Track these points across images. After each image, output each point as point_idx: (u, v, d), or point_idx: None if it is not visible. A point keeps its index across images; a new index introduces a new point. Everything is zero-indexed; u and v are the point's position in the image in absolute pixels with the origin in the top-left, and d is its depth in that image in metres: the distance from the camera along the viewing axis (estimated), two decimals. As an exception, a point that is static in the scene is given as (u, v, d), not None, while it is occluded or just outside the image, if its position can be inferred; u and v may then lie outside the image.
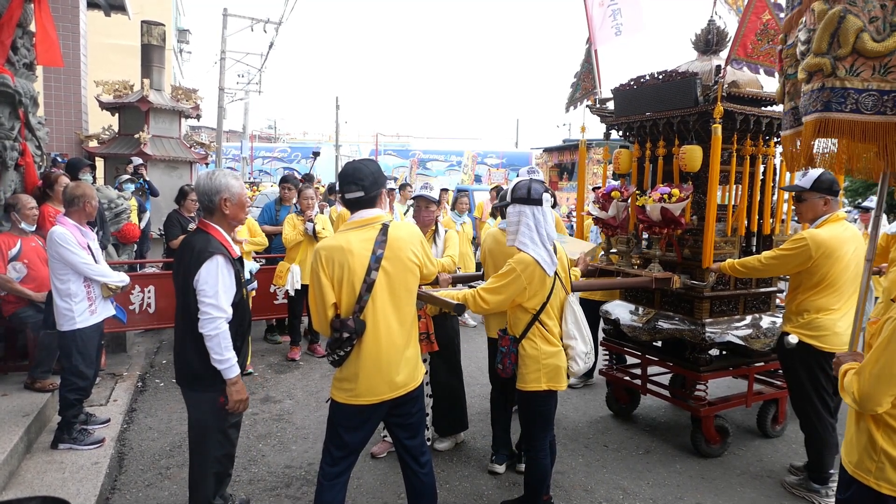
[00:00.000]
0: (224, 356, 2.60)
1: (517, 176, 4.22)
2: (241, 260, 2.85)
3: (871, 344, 1.96)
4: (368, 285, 2.43)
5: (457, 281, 3.84)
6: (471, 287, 3.38)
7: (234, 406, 2.69)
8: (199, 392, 2.71)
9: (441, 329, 3.93)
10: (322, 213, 6.44)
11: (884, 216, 4.51)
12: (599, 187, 4.68)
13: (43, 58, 4.65)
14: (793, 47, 2.14)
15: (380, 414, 2.58)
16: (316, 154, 14.41)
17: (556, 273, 2.95)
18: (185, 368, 2.73)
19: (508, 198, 3.00)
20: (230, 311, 2.64)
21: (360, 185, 2.49)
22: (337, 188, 7.26)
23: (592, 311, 4.96)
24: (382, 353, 2.48)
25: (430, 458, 2.79)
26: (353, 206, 2.55)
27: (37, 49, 4.63)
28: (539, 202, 2.91)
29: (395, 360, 2.52)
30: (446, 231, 4.14)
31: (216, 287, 2.57)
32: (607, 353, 4.78)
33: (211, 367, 2.62)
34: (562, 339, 3.03)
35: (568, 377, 3.05)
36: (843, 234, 3.47)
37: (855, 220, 3.44)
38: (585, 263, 3.87)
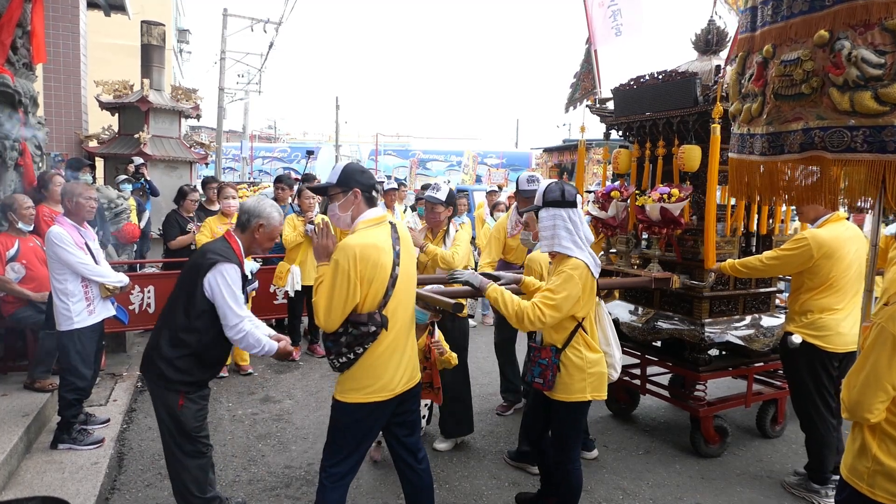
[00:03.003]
0: (260, 347, 2.77)
1: (517, 184, 4.21)
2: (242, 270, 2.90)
3: (863, 348, 1.95)
4: (393, 280, 2.46)
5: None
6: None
7: (284, 358, 2.98)
8: (158, 387, 2.76)
9: (450, 332, 3.91)
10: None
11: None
12: (594, 191, 4.69)
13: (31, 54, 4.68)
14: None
15: (390, 410, 2.57)
16: (310, 153, 14.23)
17: None
18: (151, 360, 2.76)
19: (539, 201, 2.83)
20: (246, 312, 2.77)
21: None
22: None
23: None
24: (396, 348, 2.52)
25: (427, 454, 2.80)
26: (374, 203, 2.59)
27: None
28: (574, 204, 2.78)
29: (403, 354, 2.56)
30: (457, 231, 4.12)
31: (232, 291, 2.68)
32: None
33: (172, 367, 2.69)
34: (600, 346, 2.95)
35: None
36: (844, 234, 3.47)
37: (848, 219, 3.49)
38: None
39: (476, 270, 4.13)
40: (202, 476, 2.87)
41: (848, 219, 3.65)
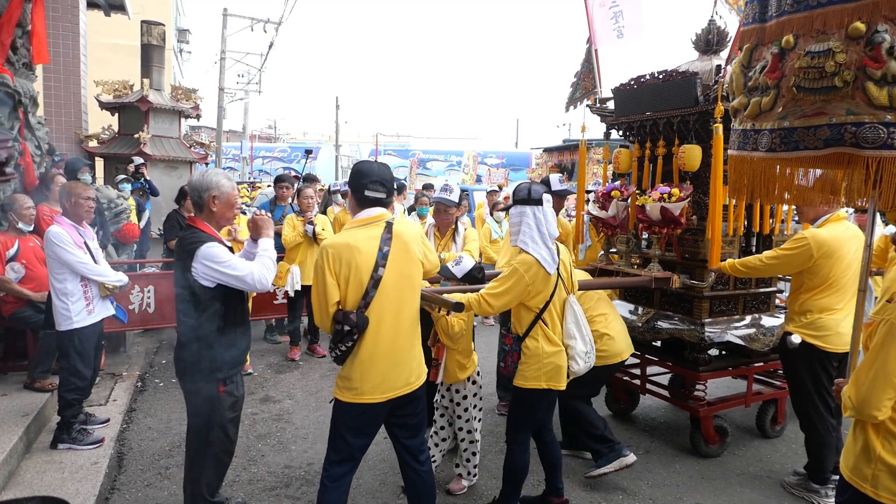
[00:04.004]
0: (268, 270, 2.82)
1: (549, 184, 4.30)
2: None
3: (866, 346, 1.94)
4: (375, 282, 2.46)
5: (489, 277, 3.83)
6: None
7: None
8: (196, 384, 2.74)
9: None
10: (330, 209, 6.40)
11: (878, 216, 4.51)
12: (593, 190, 4.71)
13: (32, 55, 4.68)
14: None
15: (384, 413, 2.58)
16: (308, 152, 14.09)
17: (557, 272, 2.96)
18: (182, 361, 2.77)
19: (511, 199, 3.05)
20: (247, 268, 2.71)
21: (386, 189, 2.58)
22: (338, 186, 7.25)
23: None
24: (388, 351, 2.50)
25: (429, 456, 2.80)
26: (369, 204, 2.57)
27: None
28: (539, 202, 2.94)
29: (399, 358, 2.54)
30: (465, 229, 4.14)
31: (226, 262, 2.65)
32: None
33: (207, 358, 2.68)
34: (562, 339, 3.04)
35: (568, 376, 3.06)
36: (844, 234, 3.47)
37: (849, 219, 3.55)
38: None
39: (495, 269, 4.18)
40: (216, 481, 2.93)
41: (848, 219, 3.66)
